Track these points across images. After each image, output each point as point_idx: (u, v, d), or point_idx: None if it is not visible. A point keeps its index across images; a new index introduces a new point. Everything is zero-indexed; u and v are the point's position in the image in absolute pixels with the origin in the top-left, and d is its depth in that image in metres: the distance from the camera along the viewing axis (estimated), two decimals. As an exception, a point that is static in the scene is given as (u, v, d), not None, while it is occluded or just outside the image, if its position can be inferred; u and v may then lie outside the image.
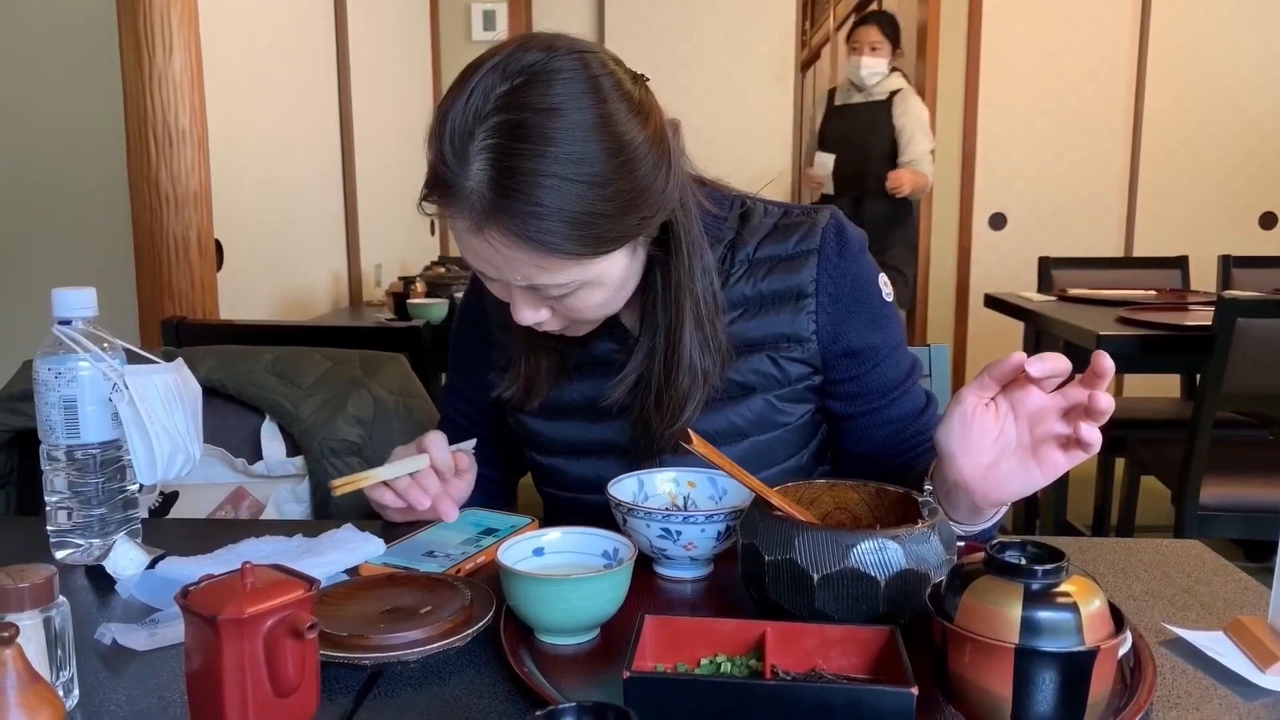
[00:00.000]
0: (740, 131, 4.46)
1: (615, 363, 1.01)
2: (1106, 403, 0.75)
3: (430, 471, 0.98)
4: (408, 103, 3.97)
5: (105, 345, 0.93)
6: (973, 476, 0.82)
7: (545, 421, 1.07)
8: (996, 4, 4.13)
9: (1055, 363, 0.77)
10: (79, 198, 2.20)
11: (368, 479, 0.95)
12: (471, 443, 1.03)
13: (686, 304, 0.94)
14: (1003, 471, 0.82)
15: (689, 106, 4.32)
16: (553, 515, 1.12)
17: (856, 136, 3.93)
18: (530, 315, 0.91)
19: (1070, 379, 0.80)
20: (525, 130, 0.79)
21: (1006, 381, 0.81)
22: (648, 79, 0.90)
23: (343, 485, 0.94)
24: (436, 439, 0.99)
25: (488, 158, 0.80)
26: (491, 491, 1.17)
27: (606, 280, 0.89)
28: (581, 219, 0.81)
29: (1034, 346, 2.93)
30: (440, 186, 0.83)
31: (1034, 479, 0.81)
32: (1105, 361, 0.75)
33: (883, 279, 1.04)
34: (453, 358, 1.17)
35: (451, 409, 1.18)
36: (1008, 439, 0.82)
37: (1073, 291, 3.03)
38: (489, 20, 4.32)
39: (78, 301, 0.92)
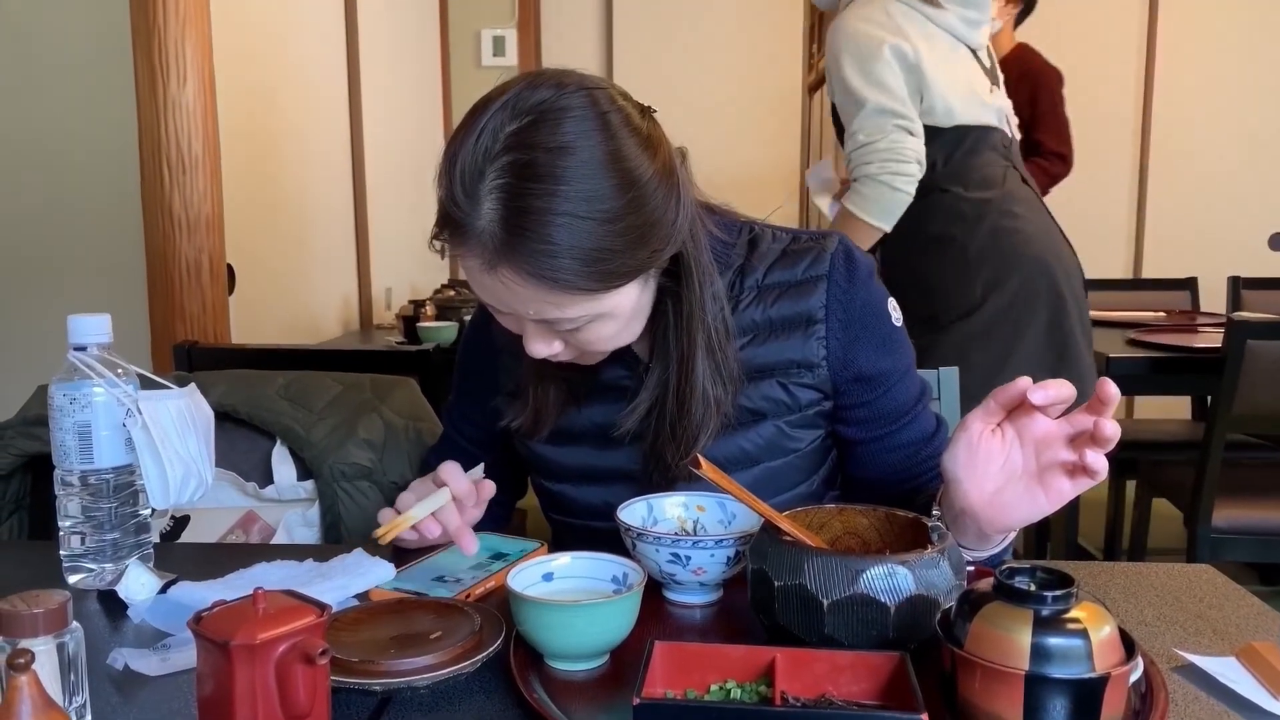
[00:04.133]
0: (748, 155, 4.48)
1: (625, 389, 1.01)
2: (1112, 430, 0.75)
3: (451, 504, 0.96)
4: (418, 127, 4.01)
5: (119, 371, 0.94)
6: (978, 502, 0.82)
7: (554, 448, 1.07)
8: (1002, 27, 4.15)
9: (1058, 390, 0.78)
10: (93, 223, 2.23)
11: (407, 521, 0.93)
12: (480, 468, 1.03)
13: (699, 333, 0.95)
14: (1008, 498, 0.82)
15: (697, 130, 4.34)
16: (561, 542, 1.12)
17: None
18: (543, 348, 0.91)
19: (1078, 403, 0.80)
20: (536, 169, 0.80)
21: (1012, 407, 0.81)
22: (655, 111, 0.91)
23: (385, 534, 0.92)
24: (453, 470, 0.97)
25: (498, 197, 0.80)
26: (493, 514, 1.17)
27: (619, 313, 0.89)
28: (594, 255, 0.81)
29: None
30: (451, 226, 0.83)
31: (1040, 505, 0.81)
32: (1110, 389, 0.75)
33: (892, 303, 1.04)
34: (458, 380, 1.18)
35: (454, 429, 1.19)
36: (1014, 465, 0.82)
37: (1082, 313, 3.02)
38: (499, 46, 4.36)
39: (93, 328, 0.93)
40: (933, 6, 1.99)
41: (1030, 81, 3.10)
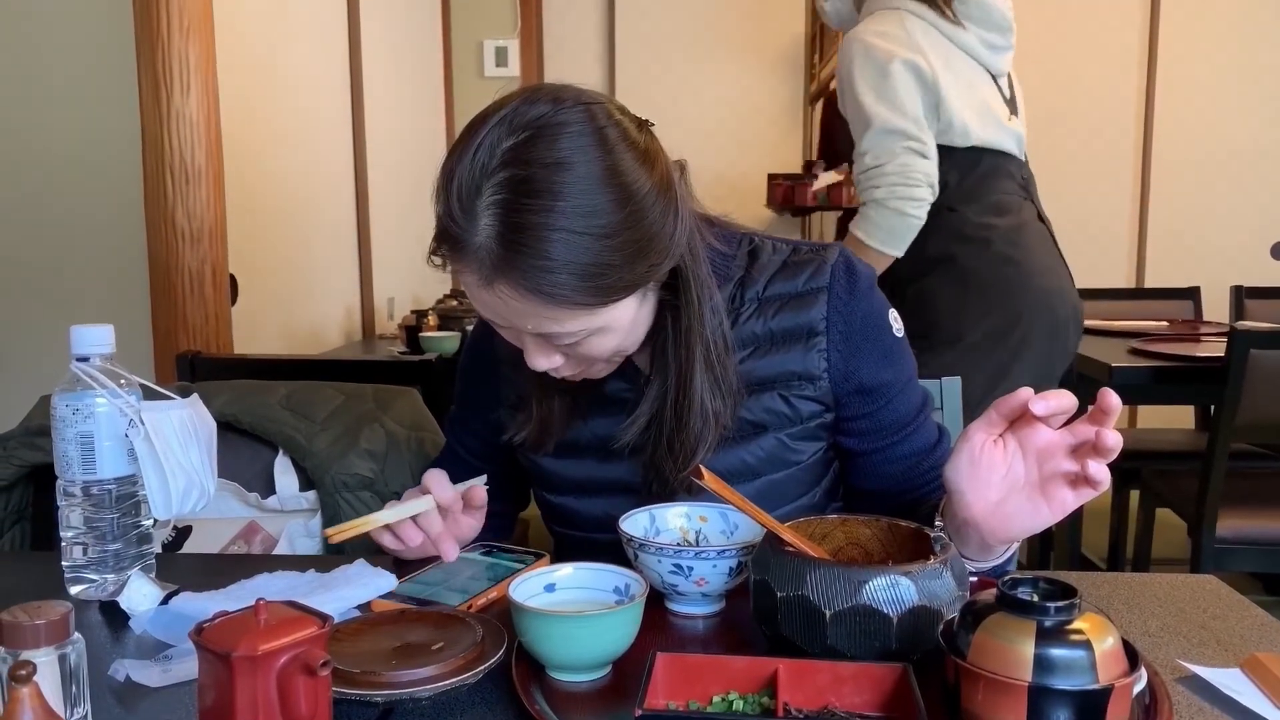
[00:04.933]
0: (750, 166, 4.49)
1: (627, 401, 1.01)
2: (1114, 440, 0.75)
3: (434, 511, 0.97)
4: (421, 137, 4.02)
5: (122, 381, 0.94)
6: (981, 513, 0.82)
7: (557, 460, 1.07)
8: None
9: (1059, 400, 0.78)
10: (96, 233, 2.23)
11: (366, 524, 0.93)
12: (482, 478, 1.03)
13: (697, 347, 0.95)
14: (1011, 509, 0.82)
15: (698, 140, 4.36)
16: (563, 554, 1.11)
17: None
18: (543, 362, 0.91)
19: (1080, 413, 0.80)
20: (532, 185, 0.80)
21: (1014, 418, 0.81)
22: (653, 124, 0.91)
23: (336, 533, 0.92)
24: (437, 477, 0.98)
25: (495, 213, 0.80)
26: (495, 525, 1.17)
27: (616, 327, 0.89)
28: (591, 270, 0.82)
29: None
30: (449, 241, 0.84)
31: (1042, 516, 0.81)
32: (1111, 399, 0.75)
33: (893, 314, 1.04)
34: (460, 392, 1.18)
35: (456, 442, 1.19)
36: (1016, 476, 0.82)
37: (1084, 323, 3.02)
38: (501, 56, 4.38)
39: (95, 338, 0.94)
40: (953, 25, 1.92)
41: None
